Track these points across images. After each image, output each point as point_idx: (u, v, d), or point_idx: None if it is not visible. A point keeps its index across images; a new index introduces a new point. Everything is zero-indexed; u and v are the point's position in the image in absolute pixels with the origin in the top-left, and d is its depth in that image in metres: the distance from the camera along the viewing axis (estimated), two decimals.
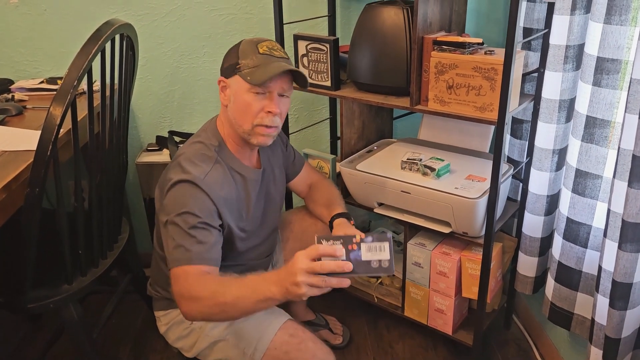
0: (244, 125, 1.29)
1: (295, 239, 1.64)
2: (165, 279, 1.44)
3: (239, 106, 1.28)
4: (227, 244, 1.32)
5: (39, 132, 1.42)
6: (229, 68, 1.29)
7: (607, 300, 1.14)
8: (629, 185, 1.01)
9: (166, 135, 2.03)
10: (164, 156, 1.93)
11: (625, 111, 1.02)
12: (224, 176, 1.31)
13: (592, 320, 1.21)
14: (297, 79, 1.33)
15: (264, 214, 1.45)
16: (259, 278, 1.07)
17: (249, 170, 1.37)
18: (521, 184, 1.67)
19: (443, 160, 1.55)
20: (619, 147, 1.05)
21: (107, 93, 1.34)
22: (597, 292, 1.18)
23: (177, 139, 2.02)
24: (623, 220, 1.04)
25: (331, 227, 1.49)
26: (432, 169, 1.51)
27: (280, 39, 1.71)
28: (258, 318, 1.39)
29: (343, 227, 1.45)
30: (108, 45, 1.26)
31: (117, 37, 1.33)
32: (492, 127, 1.67)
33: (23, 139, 1.38)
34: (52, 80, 1.83)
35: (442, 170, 1.52)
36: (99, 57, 1.22)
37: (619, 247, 1.06)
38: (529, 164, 1.61)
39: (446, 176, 1.54)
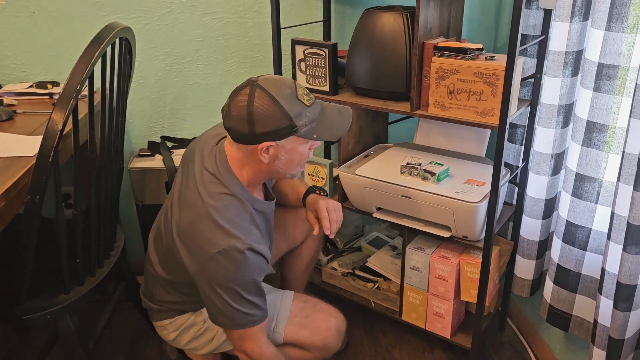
0: (293, 171, 1.31)
1: (280, 232, 1.64)
2: (166, 296, 1.43)
3: (292, 158, 1.26)
4: None
5: (32, 138, 1.40)
6: (281, 132, 1.19)
7: (611, 302, 1.17)
8: (635, 188, 1.03)
9: (158, 140, 2.00)
10: (156, 161, 1.89)
11: (630, 116, 1.04)
12: (258, 223, 1.31)
13: (595, 321, 1.22)
14: None
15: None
16: None
17: (266, 205, 1.37)
18: (517, 188, 1.69)
19: (442, 165, 1.56)
20: (623, 152, 1.07)
21: (107, 98, 1.31)
22: (600, 294, 1.19)
23: (169, 144, 1.99)
24: (628, 223, 1.06)
25: (304, 204, 1.53)
26: (432, 174, 1.52)
27: (277, 43, 1.70)
28: (267, 298, 1.40)
29: (315, 199, 1.49)
30: (108, 50, 1.23)
31: (117, 41, 1.31)
32: (489, 132, 1.69)
33: (17, 145, 1.34)
34: (41, 85, 1.78)
35: (442, 175, 1.53)
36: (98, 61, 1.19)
37: (624, 250, 1.08)
38: (524, 168, 1.64)
39: (446, 180, 1.54)
